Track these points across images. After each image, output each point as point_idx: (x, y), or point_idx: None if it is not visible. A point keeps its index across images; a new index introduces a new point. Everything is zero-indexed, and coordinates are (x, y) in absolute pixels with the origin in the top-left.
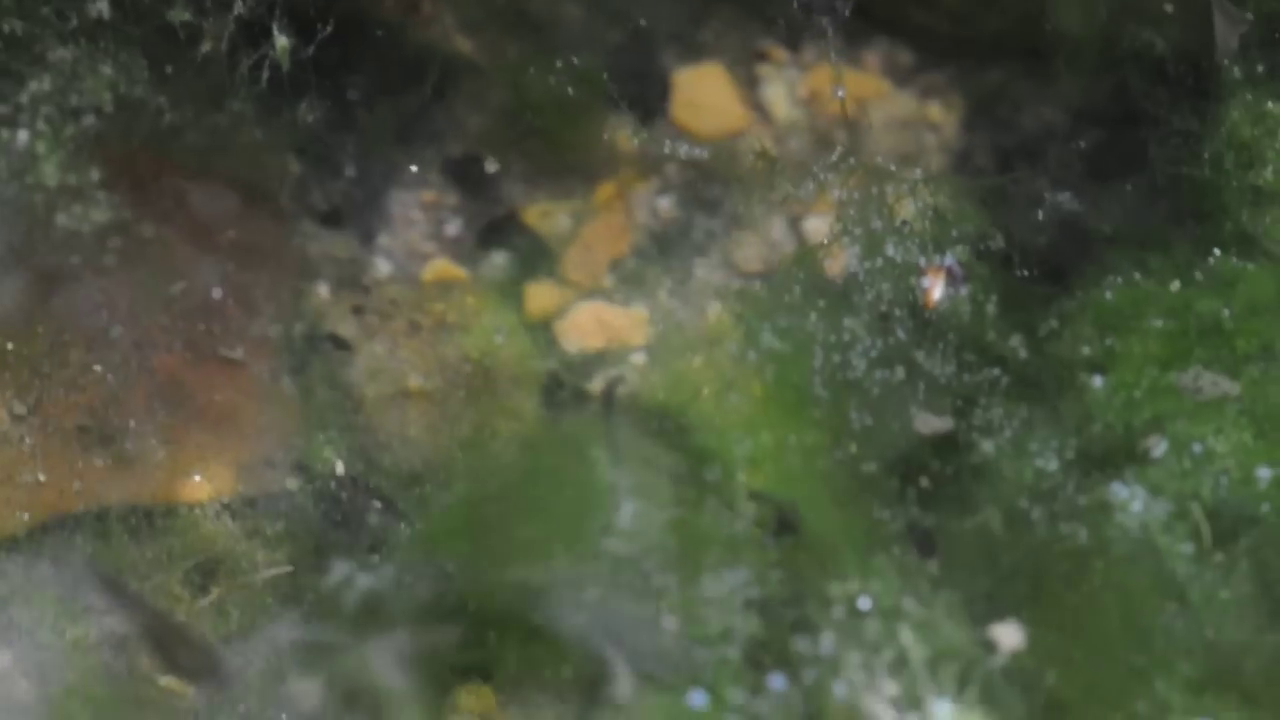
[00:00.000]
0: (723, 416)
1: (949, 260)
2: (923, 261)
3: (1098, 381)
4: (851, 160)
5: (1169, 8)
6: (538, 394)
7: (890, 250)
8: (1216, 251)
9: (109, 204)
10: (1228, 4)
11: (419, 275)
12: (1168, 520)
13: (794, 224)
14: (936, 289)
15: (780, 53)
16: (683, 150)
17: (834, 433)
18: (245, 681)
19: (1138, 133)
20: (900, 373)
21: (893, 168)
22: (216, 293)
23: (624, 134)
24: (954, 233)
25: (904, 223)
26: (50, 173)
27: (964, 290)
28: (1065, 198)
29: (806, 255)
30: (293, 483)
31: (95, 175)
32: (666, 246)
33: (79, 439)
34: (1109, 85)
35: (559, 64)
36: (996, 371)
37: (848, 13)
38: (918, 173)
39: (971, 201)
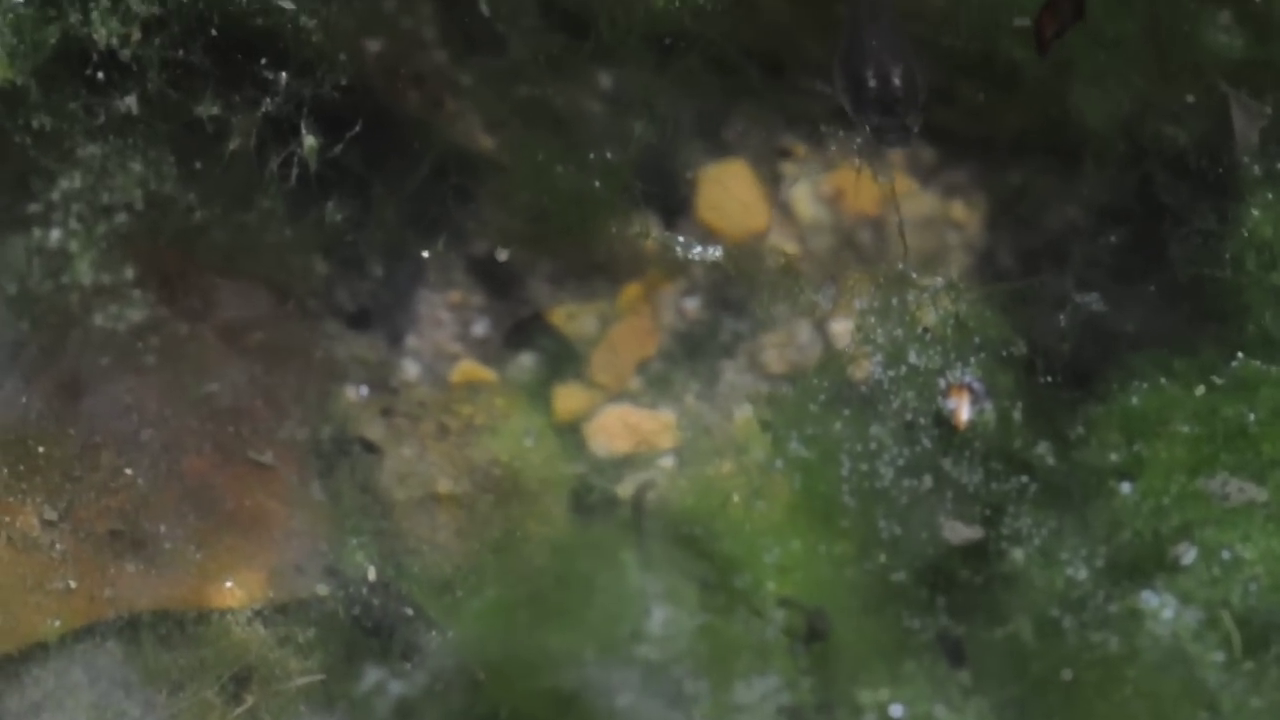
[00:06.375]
0: (751, 524)
1: (967, 377)
2: (942, 383)
3: (1126, 488)
4: (874, 263)
5: (1190, 99)
6: (567, 498)
7: (913, 358)
8: (1240, 354)
9: (141, 303)
10: (1245, 97)
11: (447, 377)
12: (1198, 628)
13: (820, 326)
14: (964, 410)
15: (803, 149)
16: (707, 252)
17: (863, 541)
18: None
19: (1161, 231)
20: (928, 481)
21: (914, 274)
22: (245, 395)
23: (649, 234)
24: (976, 340)
25: (925, 330)
26: (84, 271)
27: (988, 404)
28: (1090, 299)
29: (831, 361)
30: (323, 589)
31: (128, 274)
32: (693, 348)
33: (110, 544)
34: (1132, 182)
35: (583, 161)
36: (1024, 479)
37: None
38: (939, 280)
39: (993, 307)
